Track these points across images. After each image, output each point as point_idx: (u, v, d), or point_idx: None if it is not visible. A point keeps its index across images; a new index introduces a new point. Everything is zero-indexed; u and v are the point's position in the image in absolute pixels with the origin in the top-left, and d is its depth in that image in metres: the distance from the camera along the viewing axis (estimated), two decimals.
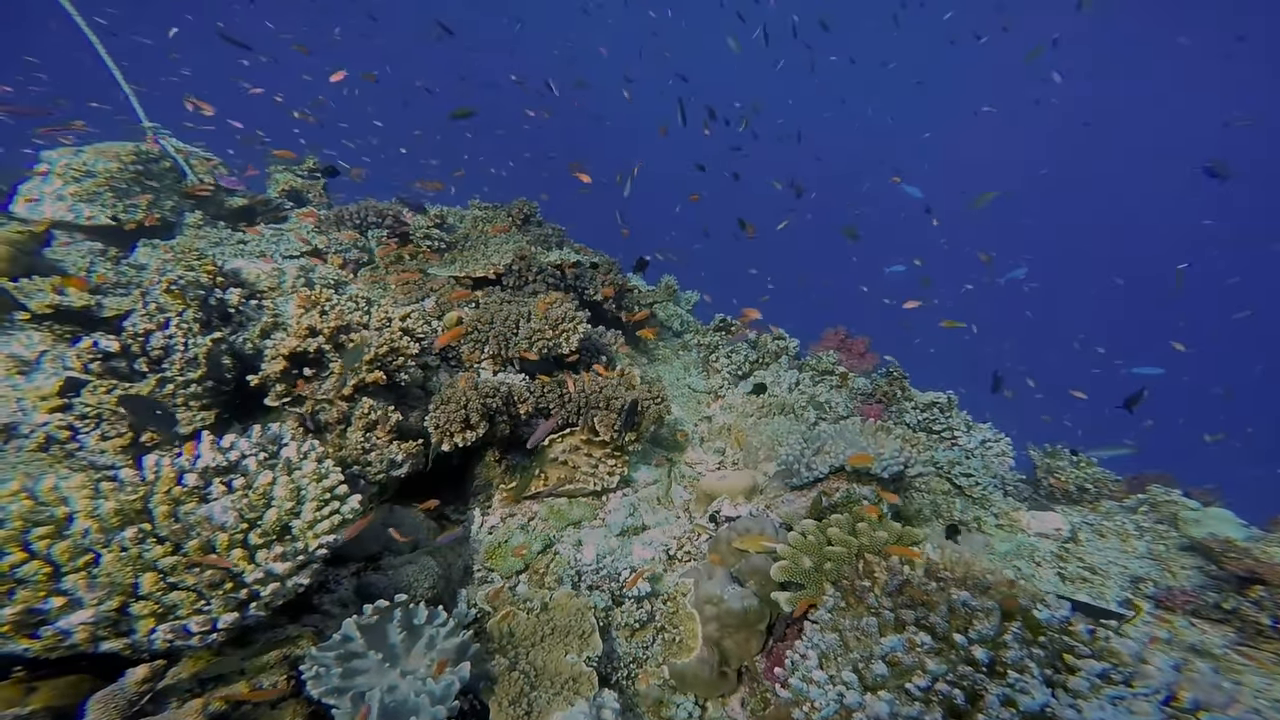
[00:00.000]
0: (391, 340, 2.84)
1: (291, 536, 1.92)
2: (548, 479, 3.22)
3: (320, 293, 3.02)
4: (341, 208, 5.73)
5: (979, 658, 1.49)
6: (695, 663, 2.15)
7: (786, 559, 2.19)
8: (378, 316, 3.04)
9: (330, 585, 2.28)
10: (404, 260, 5.33)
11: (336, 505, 2.05)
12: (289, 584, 1.84)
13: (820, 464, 2.72)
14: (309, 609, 2.20)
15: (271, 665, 1.87)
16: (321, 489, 2.02)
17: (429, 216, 5.86)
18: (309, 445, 2.13)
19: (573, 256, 5.57)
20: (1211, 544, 3.67)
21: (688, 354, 5.99)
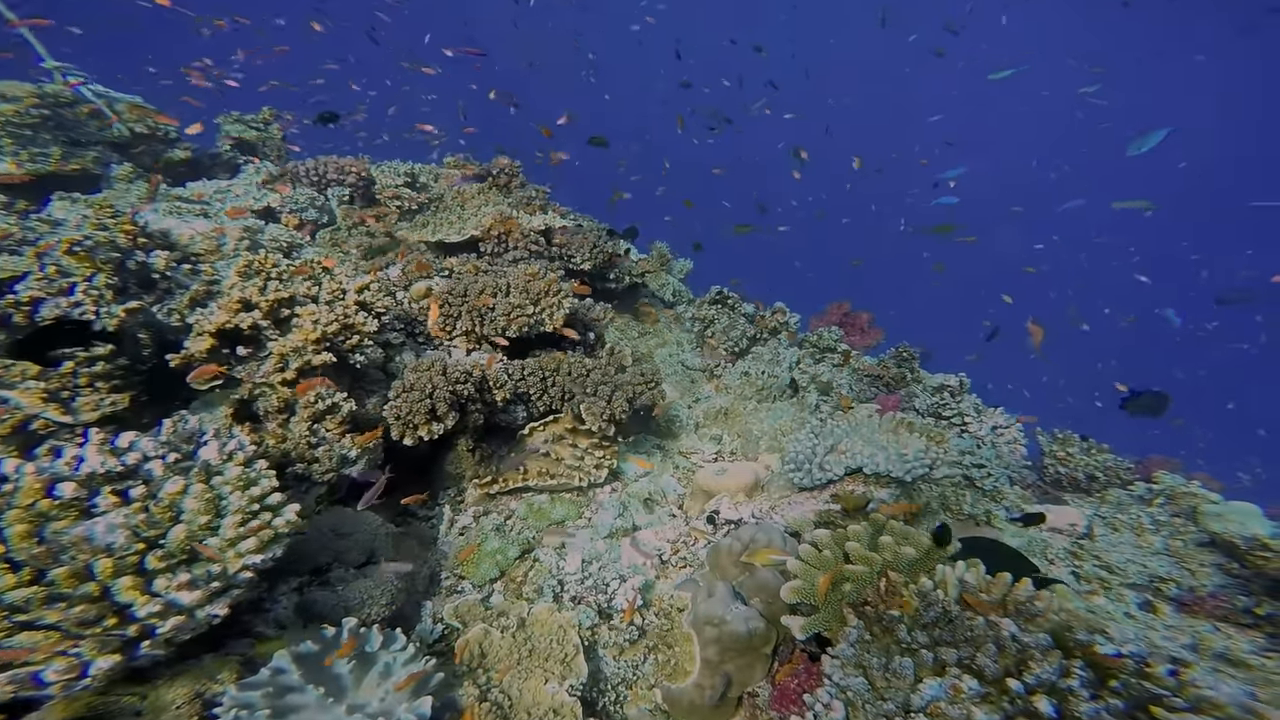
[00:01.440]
0: (344, 316, 2.51)
1: (207, 558, 1.63)
2: (527, 473, 2.94)
3: (264, 259, 2.66)
4: (297, 163, 5.26)
5: (1045, 712, 1.27)
6: (692, 688, 1.93)
7: (799, 577, 1.95)
8: (330, 288, 2.69)
9: (266, 604, 2.01)
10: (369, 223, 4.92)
11: (268, 518, 1.76)
12: (200, 615, 1.55)
13: (835, 464, 2.48)
14: (239, 631, 1.92)
15: (178, 704, 1.60)
16: (248, 499, 1.71)
17: (398, 174, 5.42)
18: (235, 444, 1.82)
19: (558, 221, 5.20)
20: (1236, 540, 3.53)
21: (681, 328, 5.71)
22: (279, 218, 4.54)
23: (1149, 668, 1.42)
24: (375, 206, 5.13)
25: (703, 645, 1.97)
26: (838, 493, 2.50)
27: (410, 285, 4.03)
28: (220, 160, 5.40)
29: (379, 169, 5.55)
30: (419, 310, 3.59)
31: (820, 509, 2.47)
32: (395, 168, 5.61)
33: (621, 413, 2.96)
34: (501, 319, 3.39)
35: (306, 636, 1.79)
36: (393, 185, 5.23)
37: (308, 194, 4.87)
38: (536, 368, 3.11)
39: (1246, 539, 3.47)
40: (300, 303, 2.61)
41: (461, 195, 5.57)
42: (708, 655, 1.95)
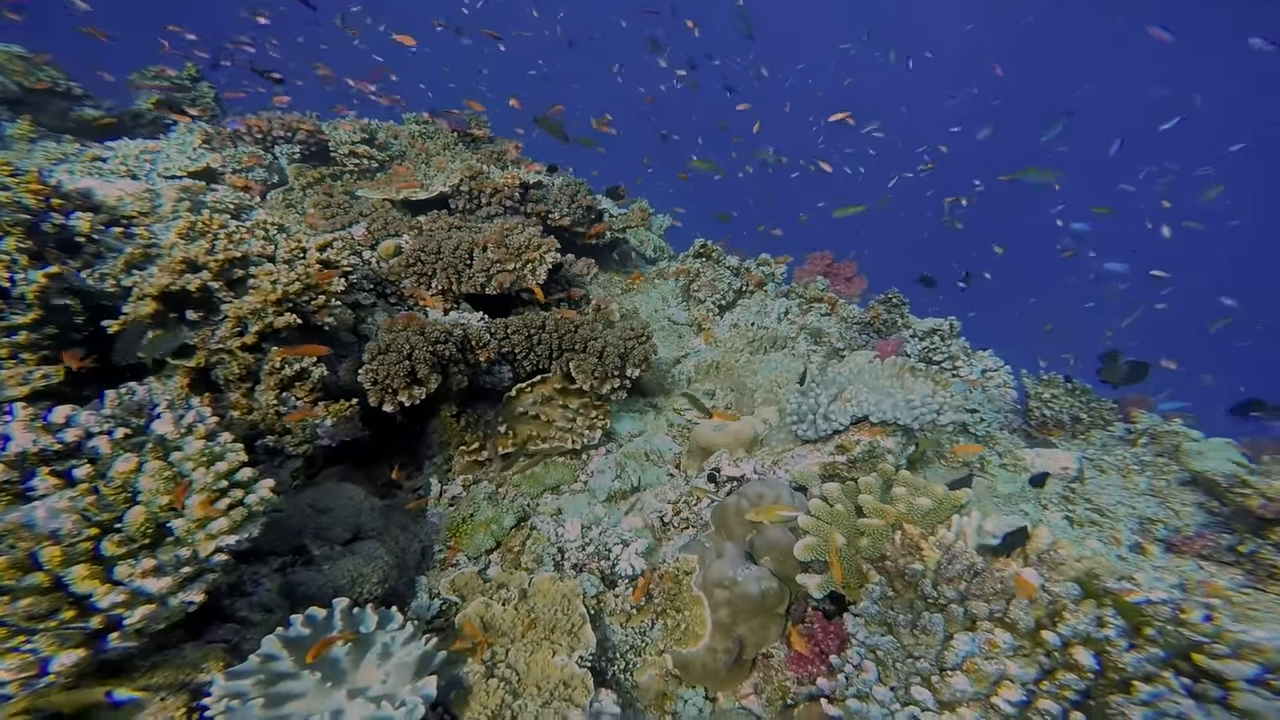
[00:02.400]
0: (306, 275, 2.28)
1: (174, 540, 1.47)
2: (517, 437, 2.81)
3: (209, 219, 2.39)
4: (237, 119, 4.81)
5: (1087, 664, 1.23)
6: (704, 652, 1.88)
7: (812, 533, 1.89)
8: (288, 247, 2.44)
9: (246, 587, 1.87)
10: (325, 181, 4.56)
11: (239, 495, 1.60)
12: (172, 603, 1.41)
13: (840, 414, 2.40)
14: (219, 617, 1.79)
15: (161, 696, 1.48)
16: (214, 475, 1.55)
17: (354, 129, 5.00)
18: (194, 416, 1.63)
19: (532, 176, 4.90)
20: (1217, 478, 3.60)
21: (665, 283, 5.54)
22: (221, 178, 4.16)
23: (1184, 613, 1.38)
24: (330, 165, 4.75)
25: (713, 608, 1.91)
26: (843, 443, 2.43)
27: (377, 244, 3.76)
28: (144, 120, 4.93)
29: (332, 125, 5.13)
30: (389, 270, 3.35)
31: (825, 461, 2.41)
32: (351, 124, 5.19)
33: (614, 369, 2.83)
34: (480, 275, 3.19)
35: (295, 619, 1.67)
36: (349, 142, 4.83)
37: (253, 151, 4.48)
38: (521, 325, 2.94)
39: (1228, 476, 3.54)
40: (255, 263, 2.37)
41: (426, 151, 5.21)
42: (719, 618, 1.89)
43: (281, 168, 4.76)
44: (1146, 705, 1.11)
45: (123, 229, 2.43)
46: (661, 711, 1.85)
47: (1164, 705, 1.09)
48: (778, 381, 3.36)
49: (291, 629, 1.64)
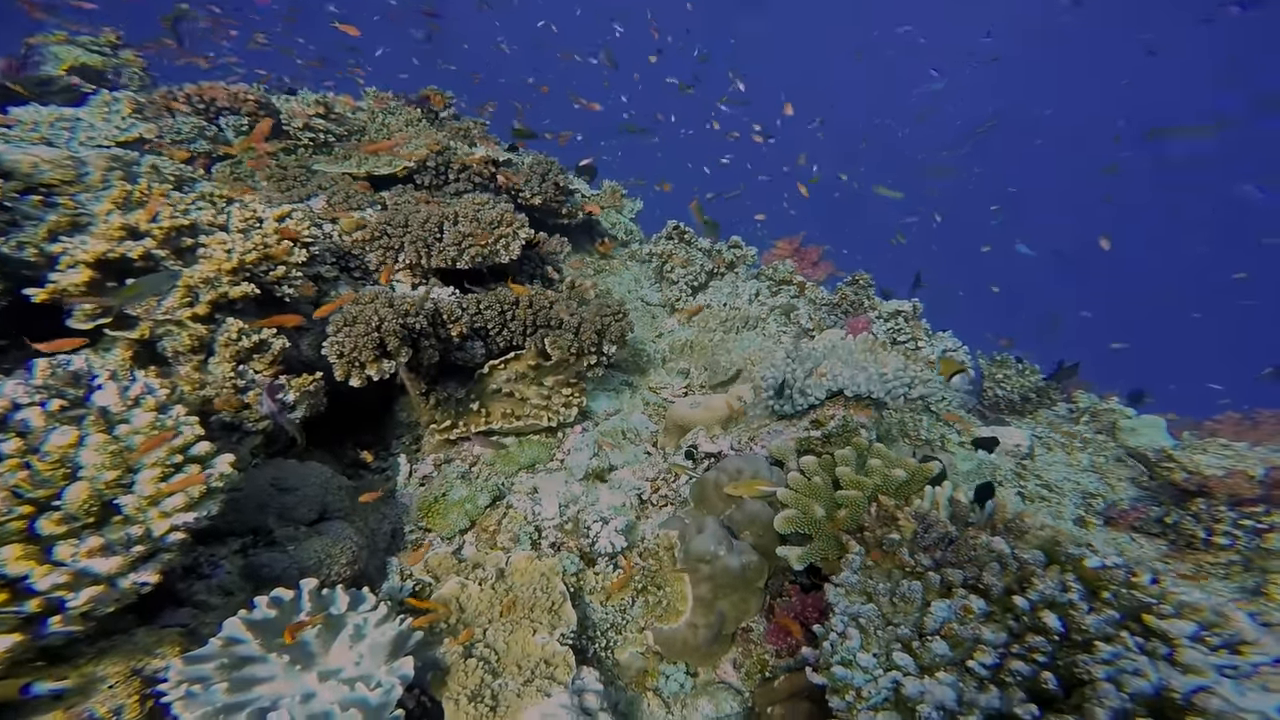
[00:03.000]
0: (263, 245, 2.12)
1: (124, 519, 1.35)
2: (490, 415, 2.73)
3: (147, 188, 2.19)
4: (173, 88, 4.44)
5: (1054, 626, 1.27)
6: (685, 628, 1.87)
7: (792, 506, 1.90)
8: (242, 216, 2.26)
9: (204, 569, 1.75)
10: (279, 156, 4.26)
11: (195, 471, 1.48)
12: (123, 585, 1.30)
13: (816, 388, 2.42)
14: (174, 601, 1.67)
15: (111, 683, 1.37)
16: (168, 450, 1.43)
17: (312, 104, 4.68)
18: (141, 388, 1.49)
19: (502, 154, 4.73)
20: (1147, 453, 3.82)
21: (637, 264, 5.48)
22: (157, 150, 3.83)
23: (1135, 577, 1.45)
24: (284, 139, 4.44)
25: (695, 583, 1.90)
26: (818, 418, 2.46)
27: (339, 217, 3.55)
28: (55, 87, 4.51)
29: (280, 97, 4.79)
30: (353, 243, 3.17)
31: (801, 436, 2.42)
32: (304, 97, 4.84)
33: (591, 346, 2.77)
34: (452, 249, 3.05)
35: (260, 601, 1.58)
36: (303, 115, 4.51)
37: (194, 122, 4.15)
38: (494, 300, 2.83)
39: (1156, 452, 3.76)
40: (206, 232, 2.19)
41: (387, 127, 4.95)
42: (700, 593, 1.89)
43: (228, 140, 4.42)
44: (1107, 664, 1.15)
45: (41, 197, 2.20)
46: (643, 688, 1.84)
47: (1122, 663, 1.14)
48: (751, 359, 3.37)
49: (256, 611, 1.56)
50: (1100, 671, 1.10)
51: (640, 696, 1.83)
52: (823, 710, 1.43)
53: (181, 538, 1.44)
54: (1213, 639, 1.22)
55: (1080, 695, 1.10)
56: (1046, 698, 1.14)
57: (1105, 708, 1.03)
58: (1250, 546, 2.96)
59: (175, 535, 1.42)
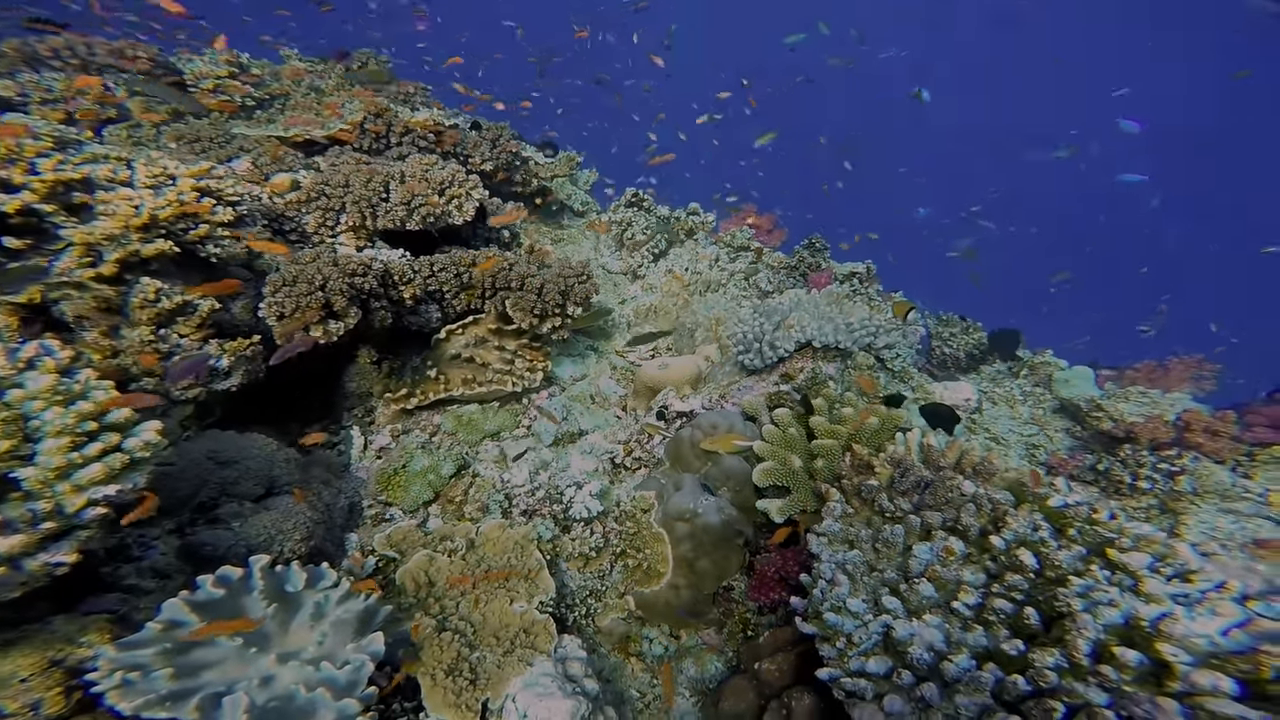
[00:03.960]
0: (178, 201, 1.86)
1: (25, 494, 1.16)
2: (449, 382, 2.57)
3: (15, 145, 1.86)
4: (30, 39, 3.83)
5: (1030, 564, 1.29)
6: (666, 589, 1.83)
7: (769, 459, 1.87)
8: (147, 174, 1.96)
9: (134, 550, 1.56)
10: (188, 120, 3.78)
11: (114, 439, 1.29)
12: (29, 566, 1.13)
13: (785, 340, 2.38)
14: (100, 587, 1.49)
15: (23, 676, 1.21)
16: (76, 415, 1.23)
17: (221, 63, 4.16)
18: (35, 349, 1.28)
19: (446, 120, 4.40)
20: (1079, 403, 4.04)
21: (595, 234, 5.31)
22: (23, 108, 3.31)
23: (1096, 513, 1.49)
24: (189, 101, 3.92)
25: (674, 543, 1.85)
26: (788, 371, 2.43)
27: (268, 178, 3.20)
28: None
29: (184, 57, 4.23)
30: (285, 205, 2.87)
31: (771, 390, 2.40)
32: (213, 56, 4.29)
33: (555, 307, 2.63)
34: (400, 208, 2.81)
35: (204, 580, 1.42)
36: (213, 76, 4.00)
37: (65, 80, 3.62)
38: (449, 262, 2.64)
39: (1086, 402, 3.99)
40: (105, 187, 1.89)
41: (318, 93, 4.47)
42: (681, 552, 1.84)
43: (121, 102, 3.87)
44: (1082, 596, 1.17)
45: None
46: (626, 654, 1.79)
47: (1096, 594, 1.16)
48: (716, 319, 3.32)
49: (200, 591, 1.41)
50: (1079, 604, 1.11)
51: (624, 662, 1.79)
52: (812, 662, 1.42)
53: (102, 513, 1.26)
54: (1165, 569, 1.27)
55: (1061, 628, 1.11)
56: (1029, 633, 1.15)
57: (1085, 638, 1.05)
58: (1165, 490, 3.15)
59: (94, 511, 1.24)
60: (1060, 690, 1.00)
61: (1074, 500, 1.56)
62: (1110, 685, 0.97)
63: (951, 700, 1.09)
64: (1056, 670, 1.02)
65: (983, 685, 1.05)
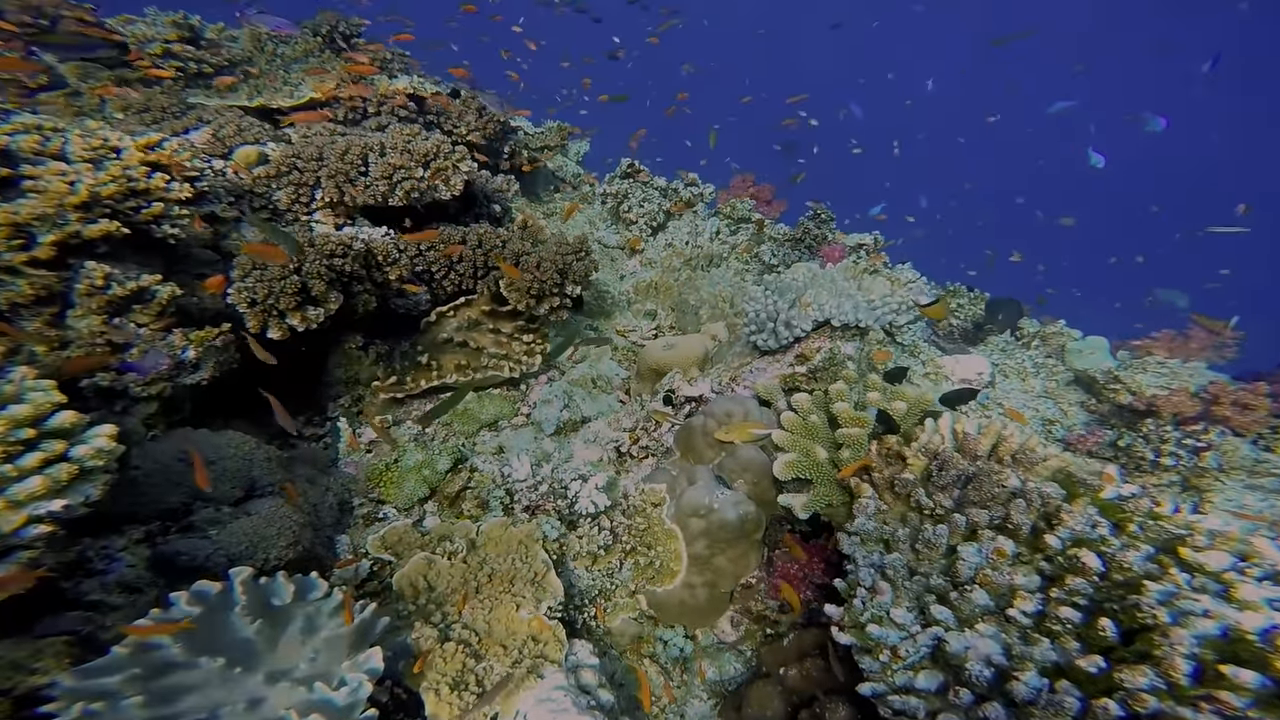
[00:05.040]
0: (125, 177, 1.65)
1: None
2: (441, 368, 2.41)
3: None
4: None
5: (1094, 566, 1.16)
6: (680, 588, 1.71)
7: (791, 450, 1.73)
8: (85, 146, 1.75)
9: (95, 564, 1.42)
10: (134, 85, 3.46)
11: (58, 447, 1.13)
12: None
13: (802, 320, 2.23)
14: (57, 604, 1.35)
15: None
16: (8, 422, 1.07)
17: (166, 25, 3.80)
18: None
19: (429, 86, 4.12)
20: (1095, 375, 3.91)
21: (590, 206, 5.08)
22: None
23: (1159, 506, 1.37)
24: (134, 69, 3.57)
25: (689, 540, 1.73)
26: (804, 352, 2.29)
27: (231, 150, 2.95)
28: None
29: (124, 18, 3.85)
30: (252, 180, 2.64)
31: (785, 372, 2.25)
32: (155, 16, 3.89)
33: (553, 286, 2.46)
34: (381, 183, 2.60)
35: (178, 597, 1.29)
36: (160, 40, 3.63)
37: None
38: (437, 239, 2.45)
39: (1103, 374, 3.86)
40: (33, 161, 1.68)
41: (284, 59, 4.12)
42: (696, 550, 1.71)
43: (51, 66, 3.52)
44: (1165, 604, 1.05)
45: None
46: (639, 655, 1.68)
47: (1182, 603, 1.03)
48: (722, 296, 3.15)
49: (175, 609, 1.27)
50: (1164, 615, 0.99)
51: (637, 665, 1.68)
52: (845, 668, 1.31)
53: (46, 531, 1.11)
54: (1252, 570, 1.14)
55: (1146, 641, 0.99)
56: (1103, 646, 1.03)
57: (1181, 654, 0.93)
58: (1189, 466, 3.02)
59: (37, 529, 1.09)
60: (1164, 716, 0.88)
61: (1128, 492, 1.44)
62: (1233, 714, 0.85)
63: None
64: (1153, 693, 0.90)
65: (1065, 710, 0.93)
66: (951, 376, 3.84)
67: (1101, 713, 0.90)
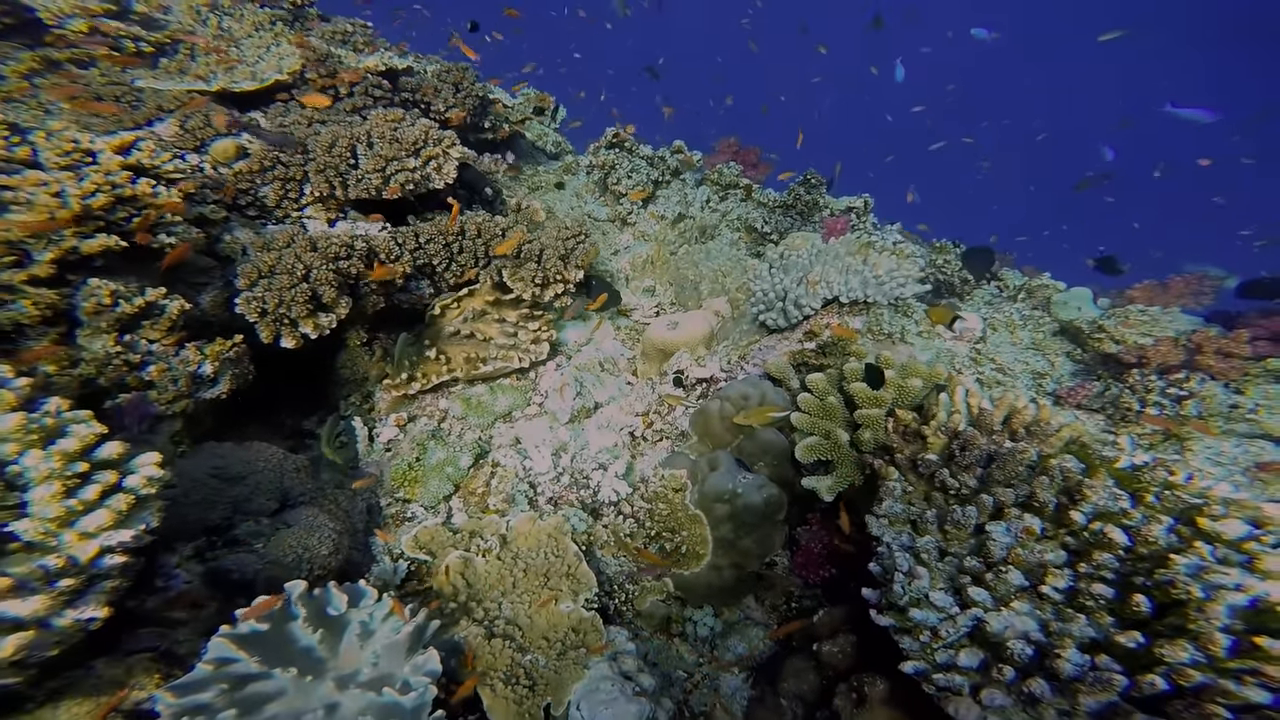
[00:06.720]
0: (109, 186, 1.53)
1: (25, 545, 0.99)
2: (451, 362, 2.35)
3: None
4: None
5: (1119, 540, 1.18)
6: (707, 571, 1.73)
7: (812, 432, 1.72)
8: (58, 149, 1.60)
9: (156, 581, 1.40)
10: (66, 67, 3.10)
11: (111, 478, 1.10)
12: (60, 624, 0.99)
13: (810, 299, 2.19)
14: (132, 621, 1.34)
15: None
16: (61, 456, 1.03)
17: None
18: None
19: (400, 60, 3.84)
20: (1081, 325, 3.92)
21: (575, 178, 4.90)
22: None
23: (1173, 475, 1.38)
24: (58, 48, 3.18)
25: (714, 524, 1.73)
26: (813, 328, 2.26)
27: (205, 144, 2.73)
28: None
29: None
30: (234, 176, 2.47)
31: (794, 349, 2.23)
32: None
33: (556, 273, 2.39)
34: (374, 176, 2.46)
35: None
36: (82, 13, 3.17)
37: None
38: (436, 232, 2.35)
39: (1089, 323, 3.87)
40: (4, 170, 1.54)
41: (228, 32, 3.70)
42: (721, 534, 1.72)
43: None
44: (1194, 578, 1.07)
45: None
46: (669, 636, 1.71)
47: (1211, 576, 1.05)
48: (723, 271, 3.09)
49: (242, 625, 1.26)
50: (1197, 589, 1.01)
51: (667, 644, 1.71)
52: (878, 644, 1.34)
53: (122, 561, 1.08)
54: (1267, 538, 1.17)
55: (1180, 615, 1.01)
56: (1137, 620, 1.06)
57: (1220, 627, 0.95)
58: (1172, 414, 3.06)
59: (113, 559, 1.07)
60: (1209, 690, 0.91)
61: (1141, 460, 1.45)
62: (1277, 685, 0.88)
63: (1074, 699, 1.00)
64: (1195, 667, 0.92)
65: (1113, 686, 0.95)
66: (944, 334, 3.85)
67: (1148, 687, 0.93)
